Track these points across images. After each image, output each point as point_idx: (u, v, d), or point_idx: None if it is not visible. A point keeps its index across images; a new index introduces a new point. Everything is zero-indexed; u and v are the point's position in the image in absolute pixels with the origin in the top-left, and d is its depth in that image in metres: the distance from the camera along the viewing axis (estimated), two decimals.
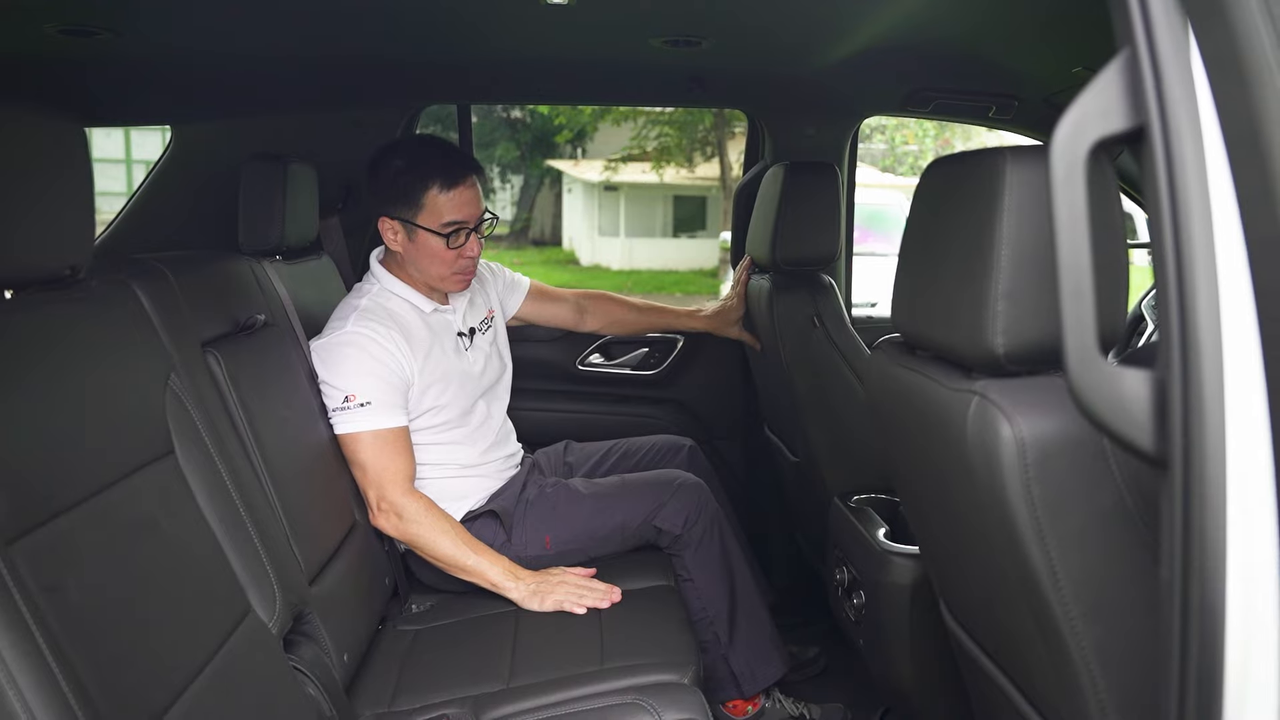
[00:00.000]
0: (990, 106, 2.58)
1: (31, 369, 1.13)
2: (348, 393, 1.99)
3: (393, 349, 2.03)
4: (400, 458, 2.03)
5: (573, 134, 18.18)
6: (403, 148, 2.17)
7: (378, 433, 2.00)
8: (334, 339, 2.05)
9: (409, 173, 2.06)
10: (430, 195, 2.05)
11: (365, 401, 1.99)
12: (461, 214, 2.08)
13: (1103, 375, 0.75)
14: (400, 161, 2.08)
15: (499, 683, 1.74)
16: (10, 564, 0.95)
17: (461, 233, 2.09)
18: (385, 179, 2.08)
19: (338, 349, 2.03)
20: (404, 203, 2.07)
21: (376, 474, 2.01)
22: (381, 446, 2.01)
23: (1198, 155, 0.72)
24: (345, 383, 2.00)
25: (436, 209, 2.06)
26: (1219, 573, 0.72)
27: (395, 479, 2.01)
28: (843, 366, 2.24)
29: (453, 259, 2.10)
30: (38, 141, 1.16)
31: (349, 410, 2.00)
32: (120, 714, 1.04)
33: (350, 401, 1.99)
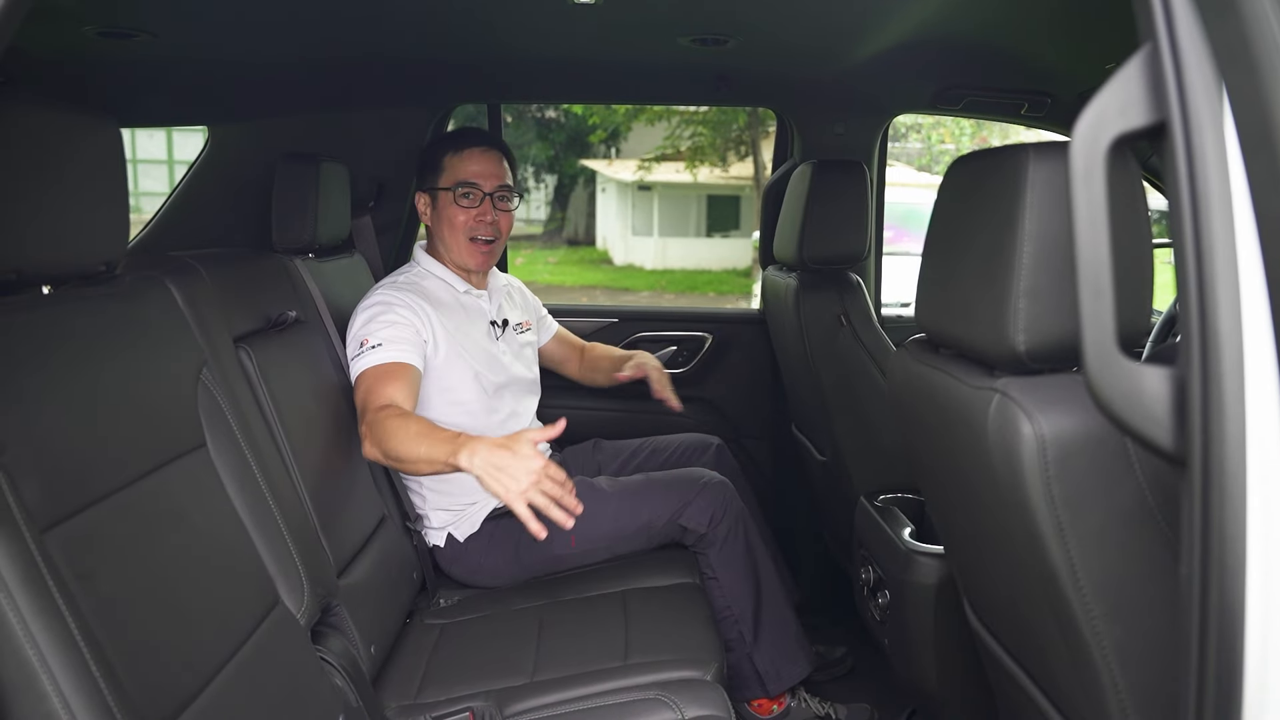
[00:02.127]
0: (1022, 103, 2.55)
1: (67, 362, 1.16)
2: (363, 338, 2.03)
3: (414, 310, 2.10)
4: (392, 385, 1.94)
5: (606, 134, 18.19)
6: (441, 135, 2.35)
7: (379, 365, 1.99)
8: (362, 303, 2.12)
9: (433, 146, 2.31)
10: (446, 159, 2.25)
11: (376, 344, 2.01)
12: (470, 174, 2.23)
13: (1122, 372, 0.74)
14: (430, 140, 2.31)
15: (523, 677, 1.75)
16: (44, 552, 0.98)
17: (475, 194, 2.22)
18: (420, 161, 2.31)
19: (363, 310, 2.10)
20: (428, 172, 2.27)
21: (364, 398, 1.93)
22: (377, 375, 1.97)
23: (1219, 151, 0.71)
24: (361, 331, 2.05)
25: (451, 170, 2.23)
26: (1239, 570, 0.71)
27: (377, 401, 1.92)
28: (870, 365, 2.23)
29: (466, 222, 2.22)
30: (76, 141, 1.19)
31: (362, 354, 2.01)
32: (149, 700, 1.06)
33: (364, 345, 2.02)
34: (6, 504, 0.95)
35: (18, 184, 1.05)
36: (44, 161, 1.11)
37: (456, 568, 2.19)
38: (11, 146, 1.04)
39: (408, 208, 2.92)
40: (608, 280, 17.12)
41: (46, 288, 1.24)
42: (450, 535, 2.17)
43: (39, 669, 0.93)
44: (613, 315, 3.08)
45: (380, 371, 1.99)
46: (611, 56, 2.40)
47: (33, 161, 1.08)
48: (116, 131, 1.27)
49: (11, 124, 1.04)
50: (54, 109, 1.14)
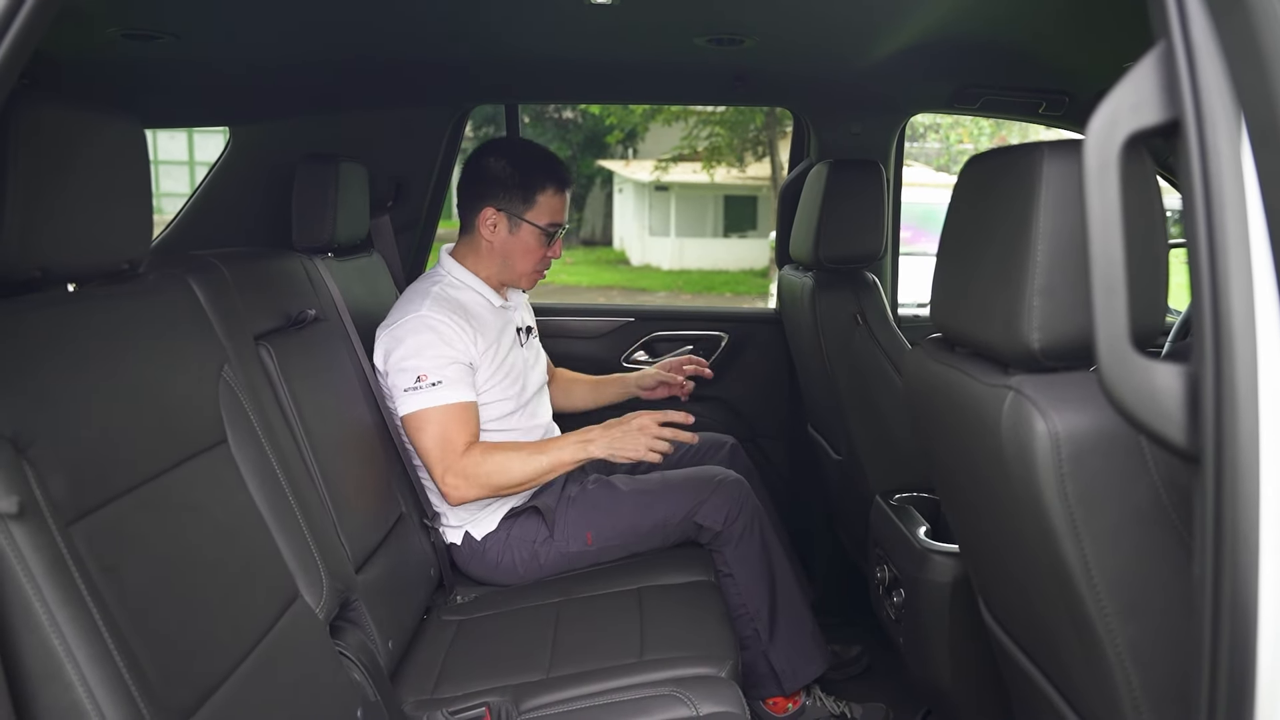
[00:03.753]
0: (1040, 102, 2.54)
1: (91, 359, 1.18)
2: (420, 372, 2.04)
3: (462, 334, 2.10)
4: (466, 429, 2.06)
5: (623, 134, 18.21)
6: (514, 147, 2.31)
7: (446, 407, 2.04)
8: (407, 322, 2.10)
9: (526, 171, 2.21)
10: (545, 195, 2.21)
11: (437, 381, 2.04)
12: (560, 217, 2.25)
13: (1135, 370, 0.75)
14: (515, 159, 2.23)
15: (539, 673, 1.77)
16: (70, 544, 1.00)
17: (556, 234, 2.24)
18: (496, 174, 2.21)
19: (411, 331, 2.08)
20: (516, 198, 2.20)
21: (441, 446, 2.02)
22: (448, 420, 2.04)
23: (1232, 148, 0.71)
24: (417, 363, 2.05)
25: (546, 208, 2.22)
26: (1251, 568, 0.71)
27: (456, 446, 2.03)
28: (885, 365, 2.23)
29: (540, 257, 2.24)
30: (99, 141, 1.20)
31: (420, 390, 2.03)
32: (172, 691, 1.08)
33: (422, 381, 2.03)
34: (34, 497, 0.97)
35: (42, 183, 1.07)
36: (68, 161, 1.13)
37: (474, 566, 2.21)
38: (36, 146, 1.06)
39: (425, 207, 2.94)
40: (624, 280, 17.13)
41: (71, 285, 1.26)
42: (468, 533, 2.19)
43: (65, 659, 0.95)
44: (629, 315, 3.09)
45: (449, 414, 2.04)
46: (628, 56, 2.41)
47: (57, 161, 1.10)
48: (140, 131, 1.29)
49: (36, 124, 1.06)
50: (78, 109, 1.16)
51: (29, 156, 1.04)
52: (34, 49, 0.84)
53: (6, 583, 0.93)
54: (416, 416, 2.05)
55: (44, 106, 1.08)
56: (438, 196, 2.99)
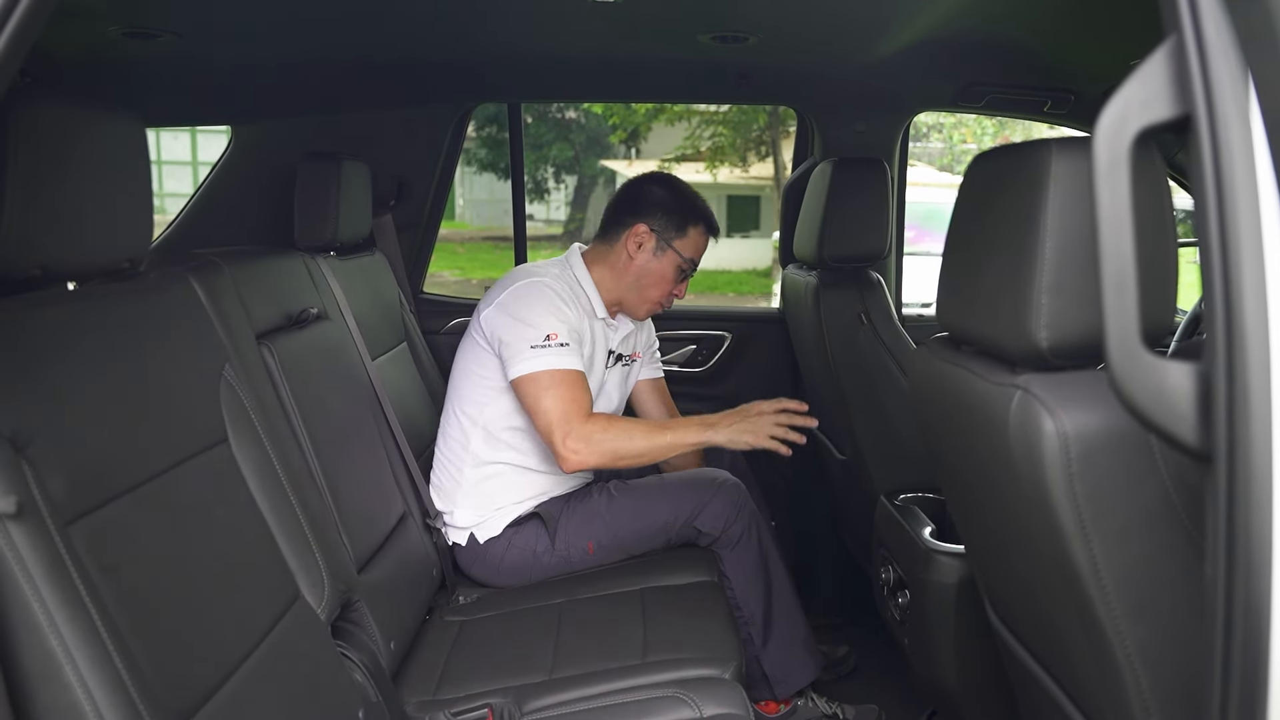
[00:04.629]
0: (1045, 100, 2.53)
1: (92, 358, 1.17)
2: (550, 331, 2.04)
3: (578, 313, 2.14)
4: (586, 395, 2.06)
5: (626, 134, 18.18)
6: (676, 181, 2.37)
7: (568, 371, 2.05)
8: (535, 284, 2.11)
9: (686, 202, 2.30)
10: (696, 230, 2.29)
11: (565, 343, 2.05)
12: (699, 256, 2.30)
13: (1145, 368, 0.74)
14: (677, 191, 2.31)
15: (542, 674, 1.76)
16: (69, 544, 0.99)
17: (688, 273, 2.29)
18: (656, 197, 2.28)
19: (541, 291, 2.09)
20: (671, 223, 2.25)
21: (564, 407, 2.01)
22: (575, 383, 2.05)
23: (1245, 144, 0.70)
24: (548, 322, 2.06)
25: (693, 243, 2.29)
26: (1264, 569, 0.70)
27: (581, 410, 2.03)
28: (890, 364, 2.22)
29: (666, 291, 2.29)
30: (100, 138, 1.20)
31: (549, 348, 2.03)
32: (172, 692, 1.07)
33: (551, 340, 2.04)
34: (32, 497, 0.96)
35: (42, 181, 1.06)
36: (69, 159, 1.12)
37: (476, 568, 2.20)
38: (37, 144, 1.05)
39: (428, 206, 2.93)
40: None
41: (71, 284, 1.25)
42: (472, 535, 2.18)
43: (63, 660, 0.94)
44: None
45: (573, 378, 2.05)
46: (632, 55, 2.41)
47: (58, 159, 1.09)
48: (140, 128, 1.28)
49: (37, 122, 1.05)
50: (79, 106, 1.15)
51: (28, 154, 1.03)
52: (32, 44, 0.83)
53: (5, 583, 0.92)
54: (545, 375, 2.03)
55: (44, 103, 1.07)
56: (440, 196, 2.98)
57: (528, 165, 13.54)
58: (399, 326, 2.58)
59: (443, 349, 2.91)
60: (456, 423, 2.24)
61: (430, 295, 3.10)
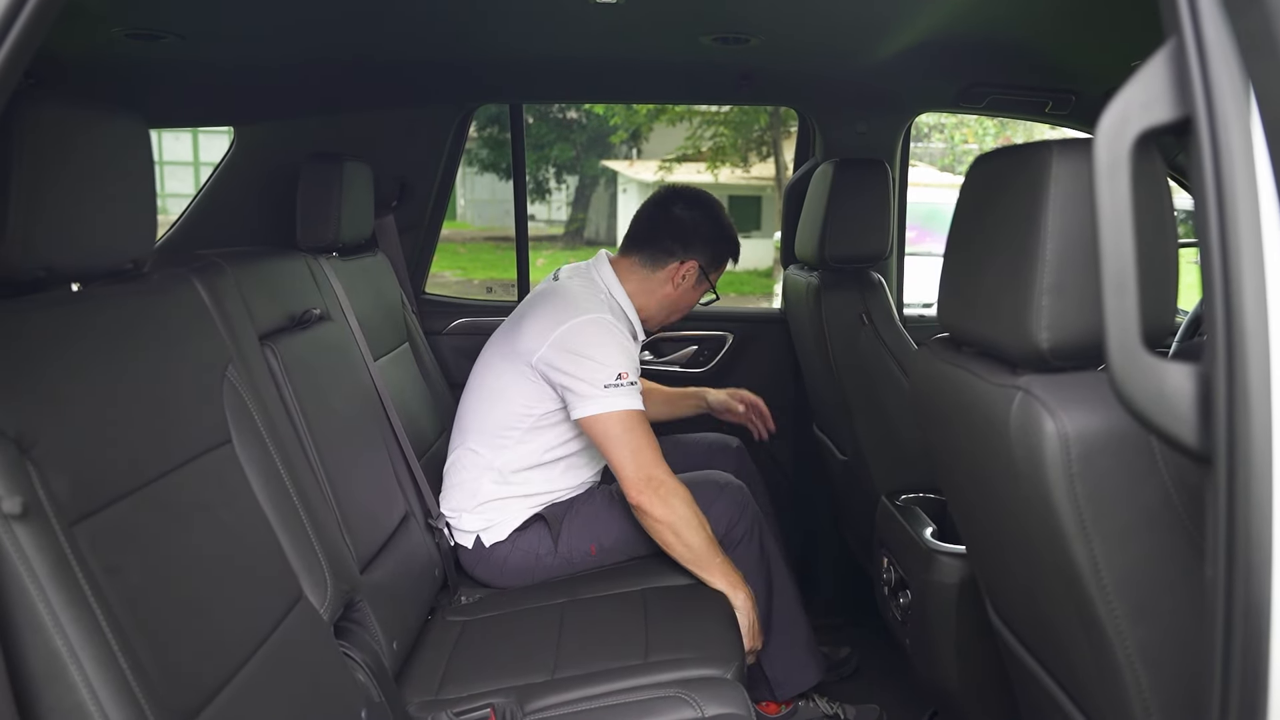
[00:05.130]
0: (1046, 101, 2.53)
1: (95, 359, 1.17)
2: (622, 370, 2.04)
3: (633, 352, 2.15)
4: (655, 438, 2.06)
5: (628, 134, 18.17)
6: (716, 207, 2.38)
7: (642, 414, 2.05)
8: (598, 319, 2.10)
9: (729, 236, 2.36)
10: (725, 264, 2.37)
11: (634, 381, 2.05)
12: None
13: (1146, 369, 0.74)
14: (720, 223, 2.34)
15: (544, 674, 1.76)
16: (74, 544, 0.99)
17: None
18: (709, 232, 2.31)
19: (608, 329, 2.09)
20: (717, 259, 2.33)
21: (645, 451, 2.01)
22: (645, 425, 2.04)
23: (1245, 146, 0.71)
24: (619, 361, 2.05)
25: (721, 273, 2.37)
26: (1264, 570, 0.70)
27: (659, 458, 2.03)
28: (891, 364, 2.22)
29: (684, 313, 2.38)
30: (103, 139, 1.20)
31: (622, 387, 2.03)
32: (175, 692, 1.07)
33: (623, 379, 2.03)
34: (37, 497, 0.97)
35: (47, 182, 1.06)
36: (72, 160, 1.12)
37: (479, 570, 2.20)
38: (41, 145, 1.05)
39: (429, 207, 2.94)
40: None
41: (75, 285, 1.26)
42: (478, 538, 2.18)
43: (68, 660, 0.95)
44: None
45: (645, 420, 2.05)
46: (633, 56, 2.41)
47: (61, 160, 1.10)
48: (144, 130, 1.28)
49: (40, 123, 1.06)
50: (82, 108, 1.16)
51: (33, 155, 1.04)
52: (37, 48, 0.84)
53: (10, 583, 0.93)
54: (623, 416, 2.02)
55: (47, 105, 1.07)
56: (442, 196, 2.98)
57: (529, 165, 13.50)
58: (401, 327, 2.58)
59: (445, 349, 2.92)
60: (471, 459, 2.21)
61: (432, 296, 3.11)
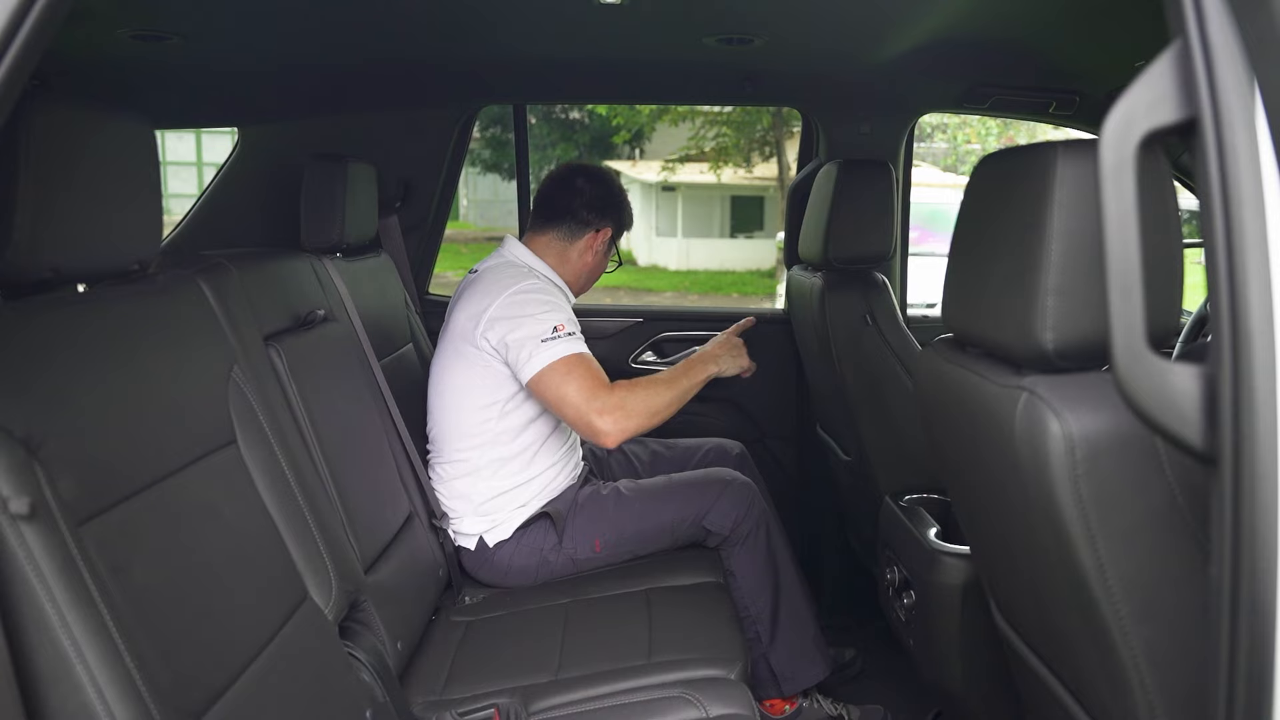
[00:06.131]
0: (1050, 102, 2.53)
1: (101, 360, 1.18)
2: (557, 322, 2.08)
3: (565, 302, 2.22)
4: (600, 370, 2.10)
5: (630, 134, 18.16)
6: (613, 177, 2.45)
7: (581, 355, 2.08)
8: (525, 287, 2.14)
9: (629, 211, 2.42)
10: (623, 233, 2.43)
11: (572, 331, 2.09)
12: None
13: (1151, 370, 0.74)
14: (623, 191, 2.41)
15: (548, 674, 1.76)
16: (80, 545, 1.00)
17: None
18: (619, 200, 2.39)
19: (533, 294, 2.13)
20: (625, 225, 2.41)
21: (592, 385, 2.03)
22: (589, 364, 2.08)
23: (1251, 147, 0.71)
24: (552, 315, 2.09)
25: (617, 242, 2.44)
26: (1269, 570, 0.70)
27: (602, 382, 2.06)
28: (895, 365, 2.22)
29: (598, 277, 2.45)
30: (109, 142, 1.20)
31: (559, 339, 2.06)
32: (181, 691, 1.08)
33: (560, 330, 2.07)
34: (44, 498, 0.97)
35: (53, 184, 1.07)
36: (78, 162, 1.13)
37: (483, 571, 2.20)
38: (47, 147, 1.06)
39: (433, 208, 2.94)
40: (631, 281, 17.11)
41: (81, 286, 1.26)
42: (481, 539, 2.18)
43: (74, 660, 0.95)
44: (637, 315, 3.08)
45: (585, 360, 2.08)
46: (636, 57, 2.41)
47: (68, 161, 1.10)
48: (150, 131, 1.29)
49: (46, 125, 1.06)
50: (88, 109, 1.16)
51: (39, 157, 1.04)
52: (44, 50, 0.84)
53: (17, 583, 0.93)
54: (562, 364, 2.04)
55: (54, 107, 1.08)
56: (445, 197, 2.99)
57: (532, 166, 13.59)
58: (405, 328, 2.58)
59: None
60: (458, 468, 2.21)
61: (436, 296, 3.11)
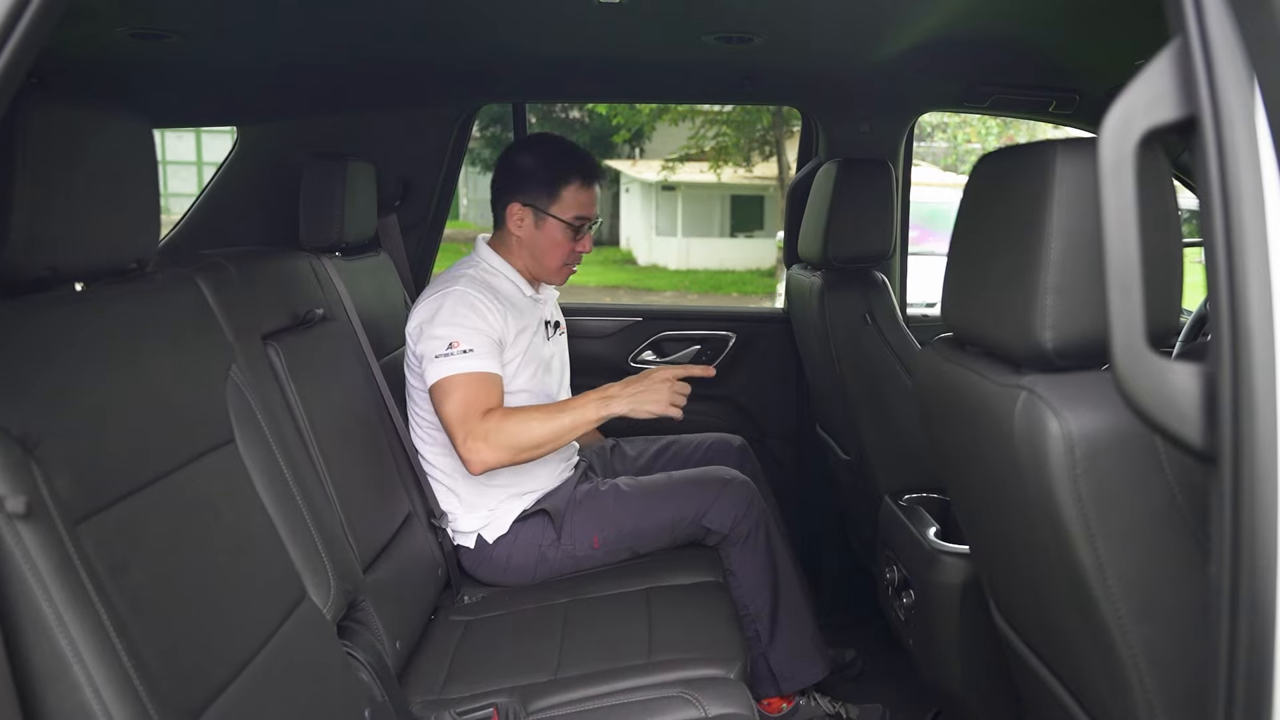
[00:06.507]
0: (1050, 101, 2.53)
1: (99, 358, 1.17)
2: (452, 339, 2.03)
3: (494, 311, 2.11)
4: (490, 395, 2.04)
5: (630, 134, 18.17)
6: (542, 142, 2.34)
7: (474, 374, 2.03)
8: (441, 292, 2.10)
9: (552, 166, 2.23)
10: (569, 189, 2.22)
11: (468, 349, 2.04)
12: (588, 210, 2.26)
13: (1151, 369, 0.74)
14: (543, 154, 2.26)
15: (547, 673, 1.76)
16: (78, 544, 0.99)
17: (583, 228, 2.25)
18: (523, 169, 2.24)
19: (446, 301, 2.08)
20: (542, 193, 2.22)
21: (464, 408, 2.00)
22: (475, 385, 2.03)
23: (1250, 145, 0.70)
24: (450, 331, 2.05)
25: (571, 202, 2.23)
26: (1269, 569, 0.70)
27: (479, 410, 2.01)
28: (895, 364, 2.22)
29: (569, 251, 2.26)
30: (107, 140, 1.20)
31: (451, 356, 2.03)
32: (179, 690, 1.08)
33: (454, 348, 2.03)
34: (41, 497, 0.97)
35: (51, 183, 1.07)
36: (76, 160, 1.12)
37: (481, 569, 2.20)
38: (45, 145, 1.06)
39: (433, 207, 2.94)
40: (631, 280, 17.12)
41: (79, 285, 1.26)
42: (480, 537, 2.18)
43: (72, 660, 0.95)
44: (636, 314, 3.08)
45: (475, 381, 2.03)
46: (636, 55, 2.41)
47: (65, 160, 1.10)
48: (148, 130, 1.29)
49: (44, 123, 1.06)
50: (86, 108, 1.16)
51: (37, 155, 1.04)
52: (41, 47, 0.84)
53: (14, 583, 0.93)
54: (446, 382, 2.02)
55: (52, 105, 1.08)
56: (445, 196, 2.98)
57: None
58: (404, 327, 2.58)
59: None
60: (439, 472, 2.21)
61: None
